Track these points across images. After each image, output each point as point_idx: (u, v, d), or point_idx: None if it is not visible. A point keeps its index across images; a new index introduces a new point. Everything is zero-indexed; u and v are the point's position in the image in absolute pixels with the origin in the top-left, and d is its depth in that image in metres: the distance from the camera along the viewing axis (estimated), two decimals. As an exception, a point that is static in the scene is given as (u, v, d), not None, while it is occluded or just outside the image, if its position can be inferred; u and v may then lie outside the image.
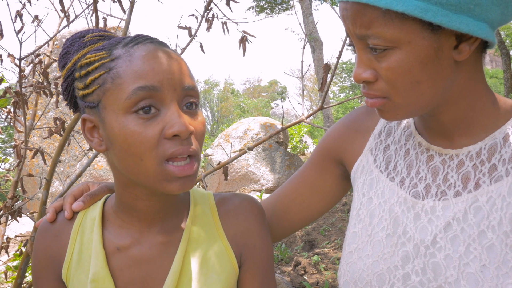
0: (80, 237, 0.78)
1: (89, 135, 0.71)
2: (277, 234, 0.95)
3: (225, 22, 1.97)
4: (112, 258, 0.74)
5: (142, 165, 0.66)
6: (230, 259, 0.77)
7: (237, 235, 0.79)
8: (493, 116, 0.72)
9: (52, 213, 0.81)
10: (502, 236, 0.64)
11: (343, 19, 0.68)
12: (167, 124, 0.65)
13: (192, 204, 0.80)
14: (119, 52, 0.67)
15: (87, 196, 0.83)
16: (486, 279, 0.64)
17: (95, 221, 0.78)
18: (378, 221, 0.77)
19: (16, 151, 1.87)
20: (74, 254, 0.77)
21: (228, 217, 0.81)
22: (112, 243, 0.75)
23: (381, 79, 0.67)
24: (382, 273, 0.73)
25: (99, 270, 0.73)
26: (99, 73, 0.67)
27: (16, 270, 2.56)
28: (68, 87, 0.74)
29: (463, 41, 0.64)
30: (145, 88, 0.64)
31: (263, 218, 0.83)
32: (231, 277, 0.77)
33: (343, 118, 0.92)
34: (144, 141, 0.64)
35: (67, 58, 0.75)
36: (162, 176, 0.66)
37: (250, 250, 0.80)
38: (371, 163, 0.83)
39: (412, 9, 0.60)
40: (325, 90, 1.39)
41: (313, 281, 3.13)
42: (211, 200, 0.82)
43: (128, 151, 0.66)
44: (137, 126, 0.64)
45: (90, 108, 0.69)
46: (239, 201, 0.82)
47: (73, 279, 0.76)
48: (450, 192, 0.71)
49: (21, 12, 1.89)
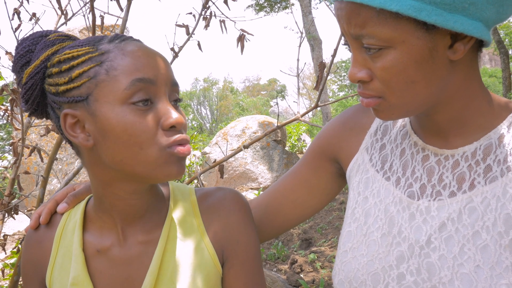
0: (63, 241, 0.78)
1: (71, 131, 0.69)
2: (270, 231, 0.94)
3: (223, 21, 1.97)
4: (92, 261, 0.75)
5: (142, 153, 0.66)
6: (210, 256, 0.76)
7: (218, 232, 0.78)
8: (489, 115, 0.72)
9: (35, 220, 0.81)
10: (496, 237, 0.64)
11: (338, 18, 0.68)
12: (164, 116, 0.67)
13: (172, 201, 0.79)
14: (107, 47, 0.68)
15: (70, 197, 0.82)
16: (480, 280, 0.64)
17: (76, 223, 0.77)
18: (374, 220, 0.77)
19: (13, 149, 1.87)
20: (57, 257, 0.77)
21: (209, 213, 0.79)
22: (92, 245, 0.75)
23: (376, 79, 0.67)
24: (376, 272, 0.73)
25: (79, 273, 0.73)
26: (89, 66, 0.67)
27: (13, 267, 2.56)
28: (34, 86, 0.71)
29: (458, 41, 0.64)
30: (142, 80, 0.66)
31: (246, 213, 0.81)
32: (212, 275, 0.76)
33: (339, 115, 0.92)
34: (145, 130, 0.66)
35: (30, 56, 0.72)
36: (163, 159, 0.67)
37: (233, 247, 0.78)
38: (367, 162, 0.83)
39: (406, 9, 0.60)
40: (320, 88, 1.39)
41: (309, 279, 3.14)
42: (192, 196, 0.81)
43: (128, 141, 0.66)
44: (136, 117, 0.66)
45: (75, 103, 0.68)
46: (221, 196, 0.81)
47: (55, 282, 0.76)
48: (445, 193, 0.71)
49: (19, 10, 1.89)
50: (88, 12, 1.78)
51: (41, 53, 0.71)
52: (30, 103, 0.73)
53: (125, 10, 1.68)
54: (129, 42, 0.69)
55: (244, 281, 0.78)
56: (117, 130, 0.66)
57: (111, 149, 0.67)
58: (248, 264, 0.79)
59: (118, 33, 0.72)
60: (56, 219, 0.81)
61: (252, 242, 0.80)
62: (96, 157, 0.70)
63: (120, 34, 0.71)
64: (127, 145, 0.66)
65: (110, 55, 0.67)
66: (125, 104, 0.66)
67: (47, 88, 0.71)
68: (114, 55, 0.67)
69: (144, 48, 0.69)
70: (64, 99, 0.69)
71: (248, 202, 0.84)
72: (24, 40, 0.73)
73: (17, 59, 0.73)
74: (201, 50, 2.05)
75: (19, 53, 0.73)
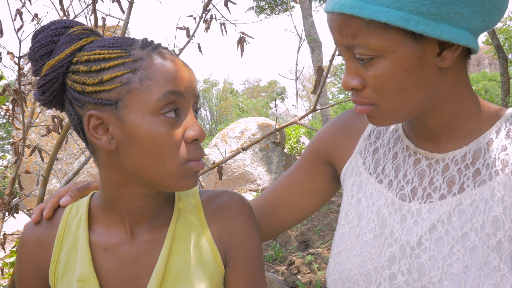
0: (66, 237, 0.77)
1: (94, 132, 0.69)
2: (266, 232, 0.96)
3: (224, 23, 1.99)
4: (99, 258, 0.75)
5: (164, 165, 0.68)
6: (214, 257, 0.77)
7: (222, 234, 0.79)
8: (478, 121, 0.74)
9: (37, 214, 0.80)
10: (484, 238, 0.66)
11: (331, 29, 0.70)
12: (188, 128, 0.69)
13: (177, 202, 0.80)
14: (140, 54, 0.68)
15: (74, 191, 0.83)
16: (468, 280, 0.66)
17: (81, 220, 0.77)
18: (366, 222, 0.78)
19: (14, 148, 1.88)
20: (61, 255, 0.77)
21: (214, 215, 0.80)
22: (99, 243, 0.76)
23: (368, 86, 0.69)
24: (369, 272, 0.75)
25: (85, 270, 0.73)
26: (122, 72, 0.67)
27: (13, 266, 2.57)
28: (54, 79, 0.69)
29: (446, 49, 0.66)
30: (174, 93, 0.67)
31: (250, 217, 0.82)
32: (216, 275, 0.77)
33: (334, 120, 0.94)
34: (170, 143, 0.67)
35: (53, 47, 0.71)
36: (181, 174, 0.69)
37: (236, 250, 0.79)
38: (361, 165, 0.85)
39: (394, 19, 0.62)
40: (318, 92, 1.41)
41: (306, 281, 3.16)
42: (197, 198, 0.82)
43: (153, 151, 0.67)
44: (165, 128, 0.67)
45: (102, 105, 0.67)
46: (227, 199, 0.82)
47: (61, 280, 0.76)
48: (436, 195, 0.73)
49: (21, 11, 1.90)
50: (90, 14, 1.80)
51: (66, 47, 0.70)
52: (47, 95, 0.71)
53: (127, 12, 1.70)
54: (162, 51, 0.70)
55: (245, 284, 0.79)
56: (144, 139, 0.67)
57: (134, 156, 0.68)
58: (250, 268, 0.80)
59: (148, 39, 0.72)
60: (58, 216, 0.80)
61: (254, 246, 0.81)
62: (114, 160, 0.71)
63: (151, 41, 0.72)
64: (152, 155, 0.67)
65: (144, 63, 0.67)
66: (156, 115, 0.67)
67: (70, 84, 0.69)
68: (148, 64, 0.67)
69: (175, 59, 0.70)
70: (91, 99, 0.68)
71: (251, 205, 0.85)
72: (45, 28, 0.71)
73: (37, 47, 0.71)
74: (201, 53, 2.07)
75: (40, 42, 0.71)
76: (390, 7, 0.63)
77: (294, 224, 0.97)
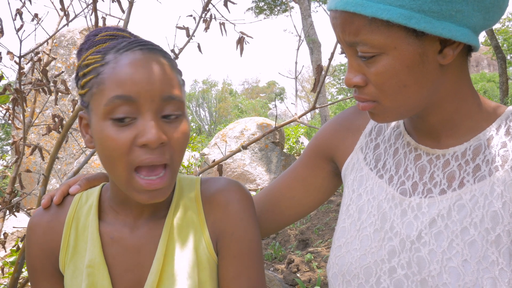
0: (76, 224, 0.80)
1: (84, 131, 0.75)
2: (268, 227, 0.97)
3: (223, 23, 2.00)
4: (106, 246, 0.78)
5: (115, 170, 0.69)
6: (207, 246, 0.78)
7: (216, 221, 0.79)
8: (478, 118, 0.75)
9: (47, 200, 0.83)
10: (483, 233, 0.67)
11: (334, 27, 0.71)
12: (140, 133, 0.67)
13: (177, 192, 0.81)
14: (109, 58, 0.70)
15: (83, 180, 0.85)
16: (467, 273, 0.66)
17: (91, 208, 0.80)
18: (367, 216, 0.79)
19: (15, 148, 1.89)
20: (70, 240, 0.80)
21: (210, 202, 0.80)
22: (106, 232, 0.78)
23: (370, 83, 0.70)
24: (369, 266, 0.75)
25: (95, 257, 0.76)
26: (90, 77, 0.71)
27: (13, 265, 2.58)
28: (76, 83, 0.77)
29: (447, 46, 0.67)
30: (121, 97, 0.67)
31: (246, 206, 0.80)
32: (207, 263, 0.78)
33: (336, 116, 0.95)
34: (116, 148, 0.67)
35: (80, 55, 0.77)
36: (131, 185, 0.70)
37: (227, 238, 0.78)
38: (362, 160, 0.85)
39: (396, 17, 0.63)
40: (317, 91, 1.42)
41: (305, 279, 3.17)
42: (197, 185, 0.83)
43: (104, 155, 0.69)
44: (112, 132, 0.67)
45: (85, 107, 0.74)
46: (222, 186, 0.81)
47: (69, 264, 0.79)
48: (436, 190, 0.74)
49: (21, 10, 1.91)
50: (90, 13, 1.81)
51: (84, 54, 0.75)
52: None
53: (127, 12, 1.71)
54: (129, 53, 0.69)
55: (233, 274, 0.77)
56: (97, 142, 0.70)
57: (99, 156, 0.72)
58: (241, 258, 0.78)
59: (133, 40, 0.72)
60: (67, 203, 0.83)
61: (248, 236, 0.79)
62: None
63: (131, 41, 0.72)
64: (105, 157, 0.70)
65: (106, 68, 0.69)
66: (105, 119, 0.68)
67: None
68: (109, 68, 0.69)
69: (139, 60, 0.68)
70: (80, 101, 0.75)
71: (251, 195, 0.84)
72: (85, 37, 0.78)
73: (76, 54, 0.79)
74: (201, 52, 2.07)
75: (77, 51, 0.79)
76: (392, 5, 0.64)
77: (296, 219, 0.98)
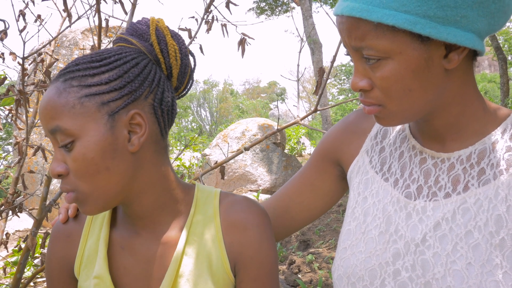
0: (91, 234, 0.81)
1: None
2: (279, 233, 0.97)
3: (225, 24, 2.00)
4: (117, 256, 0.78)
5: None
6: (223, 265, 0.78)
7: (234, 244, 0.78)
8: (483, 122, 0.75)
9: (64, 214, 0.84)
10: (488, 236, 0.68)
11: (340, 32, 0.71)
12: None
13: (194, 206, 0.81)
14: None
15: None
16: (471, 276, 0.67)
17: (104, 218, 0.81)
18: (372, 219, 0.80)
19: (18, 148, 1.89)
20: (85, 250, 0.80)
21: (229, 224, 0.79)
22: (118, 241, 0.79)
23: (376, 88, 0.71)
24: (374, 268, 0.76)
25: (100, 268, 0.76)
26: None
27: (15, 265, 2.58)
28: None
29: (452, 51, 0.68)
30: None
31: (265, 229, 0.80)
32: (226, 283, 0.78)
33: (341, 120, 0.95)
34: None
35: None
36: None
37: (245, 262, 0.78)
38: (367, 164, 0.86)
39: (402, 22, 0.64)
40: (319, 93, 1.42)
41: (306, 280, 3.17)
42: (216, 201, 0.82)
43: None
44: None
45: None
46: (242, 208, 0.81)
47: (82, 273, 0.80)
48: (441, 194, 0.74)
49: (24, 12, 1.91)
50: (93, 15, 1.81)
51: None
52: None
53: (130, 13, 1.71)
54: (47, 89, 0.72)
55: None
56: None
57: None
58: (260, 281, 0.78)
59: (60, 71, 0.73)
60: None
61: (266, 260, 0.79)
62: None
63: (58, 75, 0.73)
64: None
65: None
66: None
67: None
68: None
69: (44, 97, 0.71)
70: None
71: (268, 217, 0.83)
72: None
73: None
74: (203, 54, 2.08)
75: None
76: (398, 11, 0.64)
77: (307, 223, 0.98)
